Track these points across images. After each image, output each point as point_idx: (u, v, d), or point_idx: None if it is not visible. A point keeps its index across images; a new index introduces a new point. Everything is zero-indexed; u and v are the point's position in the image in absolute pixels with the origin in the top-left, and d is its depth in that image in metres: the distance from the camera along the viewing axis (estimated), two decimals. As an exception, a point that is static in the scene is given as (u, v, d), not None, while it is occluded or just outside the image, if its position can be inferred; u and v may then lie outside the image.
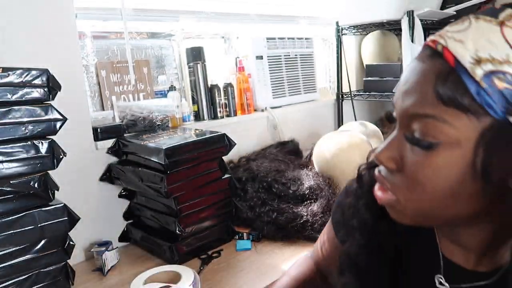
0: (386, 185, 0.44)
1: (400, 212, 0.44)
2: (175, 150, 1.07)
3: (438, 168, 0.39)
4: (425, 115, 0.39)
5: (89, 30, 1.37)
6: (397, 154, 0.42)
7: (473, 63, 0.36)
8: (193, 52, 1.54)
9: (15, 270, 0.89)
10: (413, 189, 0.41)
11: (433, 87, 0.38)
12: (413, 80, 0.41)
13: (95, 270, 1.13)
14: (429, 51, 0.40)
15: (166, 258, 1.14)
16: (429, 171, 0.39)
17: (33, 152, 0.90)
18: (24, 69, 0.88)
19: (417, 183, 0.40)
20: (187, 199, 1.14)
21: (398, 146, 0.43)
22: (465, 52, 0.36)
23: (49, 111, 0.92)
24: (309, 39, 2.00)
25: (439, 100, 0.37)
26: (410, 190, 0.41)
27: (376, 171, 0.46)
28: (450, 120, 0.37)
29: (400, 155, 0.42)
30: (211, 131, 1.27)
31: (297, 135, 1.84)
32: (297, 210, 1.20)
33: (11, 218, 0.87)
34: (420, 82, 0.40)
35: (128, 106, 1.34)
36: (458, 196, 0.39)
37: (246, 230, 1.24)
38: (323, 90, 2.29)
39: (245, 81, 1.69)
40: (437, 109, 0.38)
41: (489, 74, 0.35)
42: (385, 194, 0.44)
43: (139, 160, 1.16)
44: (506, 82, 0.35)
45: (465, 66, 0.36)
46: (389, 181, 0.44)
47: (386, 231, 0.51)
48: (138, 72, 1.46)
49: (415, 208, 0.42)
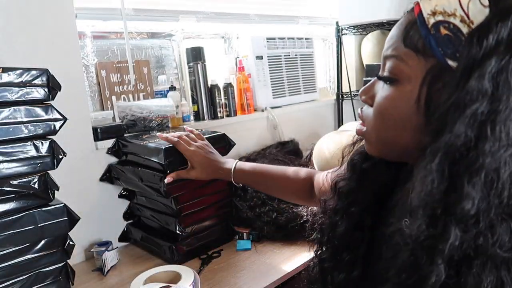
0: (362, 118, 0.55)
1: (368, 141, 0.55)
2: (175, 150, 1.07)
3: (393, 100, 0.49)
4: (392, 56, 0.49)
5: (89, 30, 1.37)
6: (372, 92, 0.53)
7: (430, 14, 0.44)
8: (193, 52, 1.54)
9: (15, 270, 0.89)
10: (376, 118, 0.51)
11: (402, 33, 0.48)
12: (394, 29, 0.50)
13: (95, 270, 1.13)
14: (411, 7, 0.48)
15: (166, 258, 1.14)
16: (387, 102, 0.49)
17: (33, 152, 0.90)
18: (24, 69, 0.88)
19: (379, 113, 0.51)
20: (187, 199, 1.14)
21: (375, 86, 0.53)
22: (428, 6, 0.45)
23: (49, 111, 0.92)
24: (309, 39, 2.00)
25: (402, 43, 0.47)
26: (374, 119, 0.52)
27: (359, 109, 0.57)
28: (406, 59, 0.47)
29: (374, 93, 0.53)
30: (211, 131, 1.27)
31: (297, 135, 1.84)
32: (297, 210, 1.20)
33: (11, 218, 0.87)
34: (397, 30, 0.49)
35: (128, 106, 1.34)
36: (405, 126, 0.48)
37: (246, 230, 1.24)
38: (323, 90, 2.29)
39: (245, 81, 1.69)
40: (400, 50, 0.48)
41: (438, 23, 0.44)
42: (361, 127, 0.55)
43: (139, 160, 1.16)
44: (448, 30, 0.43)
45: (424, 16, 0.45)
46: (364, 114, 0.54)
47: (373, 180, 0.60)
48: (138, 72, 1.46)
49: (377, 136, 0.52)
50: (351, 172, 0.64)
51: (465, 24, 0.42)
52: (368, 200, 0.60)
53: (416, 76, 0.46)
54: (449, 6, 0.43)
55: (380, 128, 0.51)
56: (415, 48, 0.46)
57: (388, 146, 0.52)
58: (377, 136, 0.52)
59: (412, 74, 0.47)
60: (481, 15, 0.42)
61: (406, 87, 0.47)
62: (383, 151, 0.54)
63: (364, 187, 0.61)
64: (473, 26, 0.42)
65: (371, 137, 0.54)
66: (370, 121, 0.53)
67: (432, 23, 0.44)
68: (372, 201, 0.60)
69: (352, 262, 0.60)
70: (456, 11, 0.43)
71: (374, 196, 0.60)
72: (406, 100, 0.47)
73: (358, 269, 0.59)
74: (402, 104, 0.48)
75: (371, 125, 0.53)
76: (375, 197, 0.60)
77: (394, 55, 0.48)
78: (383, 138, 0.52)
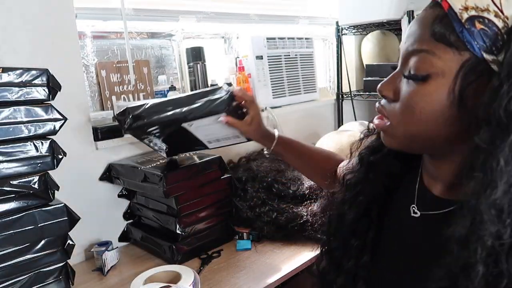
0: (383, 112, 0.55)
1: (392, 135, 0.55)
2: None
3: (426, 95, 0.48)
4: (420, 50, 0.48)
5: (89, 30, 1.37)
6: (394, 86, 0.53)
7: (462, 9, 0.45)
8: (193, 52, 1.54)
9: (15, 270, 0.89)
10: (404, 113, 0.51)
11: (429, 28, 0.48)
12: (415, 25, 0.50)
13: (95, 270, 1.13)
14: (432, 3, 0.49)
15: (166, 258, 1.14)
16: (418, 97, 0.49)
17: (33, 152, 0.90)
18: (24, 69, 0.88)
19: (408, 108, 0.50)
20: (187, 198, 1.14)
21: (396, 80, 0.53)
22: (458, 2, 0.46)
23: (49, 111, 0.92)
24: (309, 39, 2.00)
25: (432, 37, 0.47)
26: (403, 114, 0.51)
27: (377, 104, 0.56)
28: (439, 53, 0.47)
29: (397, 87, 0.52)
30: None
31: (297, 135, 1.83)
32: (297, 210, 1.20)
33: (11, 218, 0.87)
34: (420, 25, 0.49)
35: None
36: (438, 119, 0.48)
37: (246, 230, 1.24)
38: (323, 90, 2.29)
39: (245, 81, 1.69)
40: (430, 44, 0.47)
41: (472, 18, 0.45)
42: (381, 121, 0.55)
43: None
44: (483, 24, 0.44)
45: (456, 11, 0.46)
46: (386, 109, 0.54)
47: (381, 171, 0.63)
48: (138, 72, 1.46)
49: (404, 129, 0.52)
50: (359, 165, 0.66)
51: (499, 19, 0.44)
52: (376, 190, 0.62)
53: (450, 70, 0.46)
54: (481, 1, 0.45)
55: (409, 122, 0.51)
56: (447, 42, 0.46)
57: (414, 139, 0.52)
58: (405, 130, 0.52)
59: (446, 67, 0.47)
60: None
61: (439, 81, 0.47)
62: (406, 144, 0.54)
63: (371, 178, 0.63)
64: (508, 20, 0.44)
65: (397, 131, 0.53)
66: (397, 116, 0.52)
67: (466, 18, 0.45)
68: (380, 191, 0.62)
69: (361, 248, 0.62)
70: (489, 6, 0.44)
71: (381, 186, 0.62)
72: (440, 94, 0.47)
73: (368, 254, 0.61)
74: (435, 98, 0.48)
75: (398, 120, 0.52)
76: (382, 187, 0.62)
77: (423, 49, 0.48)
78: (411, 132, 0.51)
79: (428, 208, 0.56)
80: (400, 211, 0.61)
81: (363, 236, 0.62)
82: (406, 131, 0.52)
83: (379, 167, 0.63)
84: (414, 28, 0.50)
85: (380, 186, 0.62)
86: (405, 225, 0.59)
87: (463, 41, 0.45)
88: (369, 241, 0.62)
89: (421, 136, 0.51)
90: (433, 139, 0.50)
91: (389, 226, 0.62)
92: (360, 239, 0.62)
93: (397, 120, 0.52)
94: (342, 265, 0.64)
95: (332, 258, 0.67)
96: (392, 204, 0.63)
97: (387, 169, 0.62)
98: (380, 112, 0.55)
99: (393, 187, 0.63)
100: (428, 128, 0.49)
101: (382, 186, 0.63)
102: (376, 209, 0.62)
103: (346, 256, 0.63)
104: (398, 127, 0.53)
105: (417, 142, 0.52)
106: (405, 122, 0.51)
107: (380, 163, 0.63)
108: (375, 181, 0.63)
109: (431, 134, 0.50)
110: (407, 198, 0.60)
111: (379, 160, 0.63)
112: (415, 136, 0.52)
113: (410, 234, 0.58)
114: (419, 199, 0.58)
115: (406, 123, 0.51)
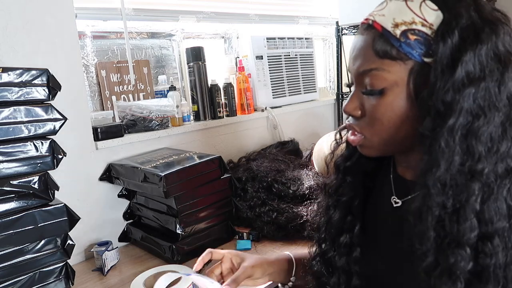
0: (355, 129, 0.60)
1: (368, 147, 0.60)
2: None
3: (387, 105, 0.55)
4: (370, 69, 0.55)
5: (89, 30, 1.37)
6: (358, 104, 0.59)
7: (393, 26, 0.53)
8: (193, 52, 1.54)
9: (15, 270, 0.89)
10: (374, 125, 0.57)
11: (371, 48, 0.54)
12: (357, 48, 0.57)
13: (95, 270, 1.13)
14: (365, 26, 0.57)
15: (166, 258, 1.14)
16: (382, 109, 0.55)
17: (33, 152, 0.90)
18: (24, 69, 0.88)
19: (376, 120, 0.56)
20: (187, 198, 1.14)
21: (358, 99, 0.59)
22: (386, 21, 0.54)
23: (49, 111, 0.92)
24: (309, 39, 2.00)
25: (376, 56, 0.54)
26: (373, 126, 0.57)
27: (346, 121, 0.63)
28: (387, 68, 0.53)
29: (361, 104, 0.58)
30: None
31: (297, 135, 1.84)
32: (297, 210, 1.20)
33: (11, 218, 0.87)
34: (362, 48, 0.56)
35: (128, 106, 1.35)
36: (404, 122, 0.55)
37: (246, 230, 1.24)
38: (323, 90, 2.29)
39: (245, 81, 1.69)
40: (377, 62, 0.54)
41: (405, 32, 0.52)
42: (356, 137, 0.60)
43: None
44: (415, 35, 0.52)
45: (388, 29, 0.53)
46: (357, 125, 0.60)
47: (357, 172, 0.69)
48: (138, 72, 1.46)
49: (379, 139, 0.58)
50: (337, 172, 0.72)
51: (426, 27, 0.52)
52: (355, 190, 0.68)
53: (401, 79, 0.53)
54: (406, 16, 0.52)
55: (381, 131, 0.57)
56: (391, 56, 0.53)
57: (389, 144, 0.58)
58: (379, 139, 0.58)
59: (397, 78, 0.53)
60: (437, 18, 0.51)
61: (395, 91, 0.54)
62: (383, 150, 0.60)
63: (349, 180, 0.69)
64: (433, 26, 0.51)
65: (373, 142, 0.59)
66: (368, 129, 0.58)
67: (399, 33, 0.52)
68: (359, 190, 0.68)
69: (349, 245, 0.67)
70: (414, 18, 0.52)
71: (360, 185, 0.68)
72: (399, 101, 0.54)
73: (356, 250, 0.67)
74: (396, 106, 0.54)
75: (371, 132, 0.58)
76: (361, 186, 0.68)
77: (372, 68, 0.54)
78: (385, 138, 0.57)
79: (407, 193, 0.61)
80: (382, 205, 0.66)
81: (350, 233, 0.67)
82: (380, 139, 0.58)
83: (355, 170, 0.69)
84: (357, 51, 0.57)
85: (359, 186, 0.68)
86: (390, 216, 0.64)
87: (404, 52, 0.52)
88: (356, 237, 0.67)
89: (394, 139, 0.57)
90: (404, 138, 0.56)
91: (373, 220, 0.67)
92: (348, 236, 0.67)
93: (369, 132, 0.58)
94: (335, 263, 0.68)
95: (325, 260, 0.71)
96: (372, 199, 0.69)
97: (362, 169, 0.69)
98: (351, 129, 0.61)
99: (370, 184, 0.69)
100: (398, 131, 0.56)
101: (361, 185, 0.69)
102: (358, 207, 0.68)
103: (338, 255, 0.68)
104: (372, 138, 0.59)
105: (392, 145, 0.58)
106: (377, 133, 0.57)
107: (355, 166, 0.69)
108: (353, 182, 0.69)
109: (401, 135, 0.56)
110: (386, 191, 0.66)
111: (354, 164, 0.69)
112: (389, 141, 0.58)
113: (396, 223, 0.62)
114: (397, 188, 0.64)
115: (378, 133, 0.57)
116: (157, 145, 1.38)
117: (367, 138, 0.59)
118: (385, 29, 0.53)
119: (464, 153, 0.49)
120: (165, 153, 1.30)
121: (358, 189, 0.68)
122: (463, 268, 0.48)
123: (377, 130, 0.57)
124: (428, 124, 0.51)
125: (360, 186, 0.69)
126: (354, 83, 0.60)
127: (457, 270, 0.48)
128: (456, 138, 0.49)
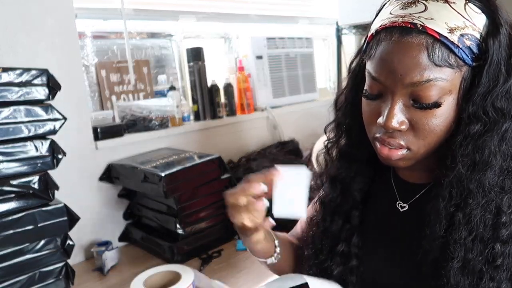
0: (398, 144, 0.54)
1: (410, 159, 0.56)
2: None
3: (442, 115, 0.52)
4: (427, 80, 0.50)
5: (89, 30, 1.37)
6: (404, 118, 0.53)
7: (449, 32, 0.49)
8: (193, 52, 1.54)
9: (15, 270, 0.89)
10: (427, 137, 0.53)
11: (426, 56, 0.49)
12: (403, 56, 0.50)
13: (95, 270, 1.13)
14: (409, 31, 0.50)
15: (166, 258, 1.14)
16: (437, 120, 0.52)
17: (33, 152, 0.90)
18: (24, 69, 0.88)
19: (430, 132, 0.53)
20: (187, 198, 1.14)
21: (402, 112, 0.53)
22: (440, 27, 0.49)
23: (49, 111, 0.92)
24: (309, 39, 2.00)
25: (433, 64, 0.49)
26: (424, 139, 0.53)
27: (378, 135, 0.56)
28: (445, 77, 0.50)
29: (407, 118, 0.53)
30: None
31: (297, 135, 1.84)
32: (297, 210, 1.20)
33: (11, 218, 0.87)
34: (413, 56, 0.50)
35: (128, 106, 1.35)
36: (450, 127, 0.53)
37: (246, 230, 1.24)
38: (323, 90, 2.29)
39: (245, 81, 1.69)
40: (435, 71, 0.50)
41: (460, 37, 0.50)
42: (397, 151, 0.55)
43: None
44: (469, 40, 0.50)
45: (446, 35, 0.49)
46: (402, 139, 0.54)
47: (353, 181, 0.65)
48: (138, 72, 1.46)
49: (426, 150, 0.54)
50: (331, 185, 0.68)
51: (476, 31, 0.51)
52: (352, 199, 0.65)
53: (455, 86, 0.51)
54: (457, 20, 0.50)
55: (431, 142, 0.54)
56: (449, 64, 0.50)
57: (431, 151, 0.55)
58: (427, 149, 0.55)
59: (452, 87, 0.51)
60: (481, 21, 0.51)
61: (449, 100, 0.51)
62: (422, 158, 0.56)
63: (345, 190, 0.66)
64: (481, 30, 0.51)
65: (418, 154, 0.55)
66: (417, 141, 0.54)
67: (457, 39, 0.49)
68: (357, 199, 0.66)
69: (347, 254, 0.65)
70: (465, 23, 0.50)
71: (357, 193, 0.65)
72: (451, 109, 0.52)
73: (353, 259, 0.64)
74: (449, 114, 0.52)
75: (420, 145, 0.54)
76: (358, 194, 0.66)
77: (430, 78, 0.50)
78: (433, 148, 0.55)
79: (411, 196, 0.61)
80: (385, 211, 0.64)
81: (348, 241, 0.65)
82: (428, 150, 0.55)
83: (351, 179, 0.65)
84: (404, 60, 0.50)
85: (356, 194, 0.65)
86: (397, 221, 0.62)
87: (461, 58, 0.50)
88: (354, 246, 0.64)
89: (436, 146, 0.55)
90: (441, 142, 0.54)
91: (375, 227, 0.65)
92: (346, 245, 0.65)
93: (418, 145, 0.54)
94: (332, 271, 0.65)
95: (322, 270, 0.67)
96: (371, 205, 0.66)
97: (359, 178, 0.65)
98: (391, 145, 0.55)
99: (368, 191, 0.67)
100: (443, 138, 0.54)
101: (358, 193, 0.66)
102: (356, 216, 0.65)
103: (334, 264, 0.65)
104: (419, 150, 0.54)
105: (431, 152, 0.55)
106: (427, 144, 0.54)
107: (353, 176, 0.65)
108: (350, 192, 0.66)
109: (443, 140, 0.54)
110: (387, 197, 0.64)
111: (352, 173, 0.65)
112: (433, 149, 0.55)
113: (404, 226, 0.61)
114: (400, 193, 0.63)
115: (428, 145, 0.54)
116: (157, 145, 1.38)
117: (412, 151, 0.54)
118: (442, 35, 0.49)
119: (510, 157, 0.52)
120: (165, 153, 1.30)
121: (355, 198, 0.66)
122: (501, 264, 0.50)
123: (428, 141, 0.53)
124: (476, 128, 0.52)
125: (358, 194, 0.66)
126: (389, 94, 0.53)
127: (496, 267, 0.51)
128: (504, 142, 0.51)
